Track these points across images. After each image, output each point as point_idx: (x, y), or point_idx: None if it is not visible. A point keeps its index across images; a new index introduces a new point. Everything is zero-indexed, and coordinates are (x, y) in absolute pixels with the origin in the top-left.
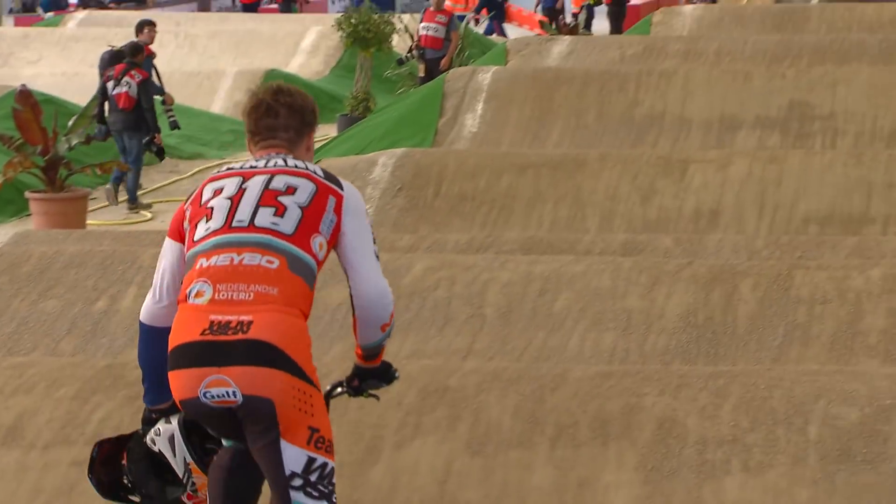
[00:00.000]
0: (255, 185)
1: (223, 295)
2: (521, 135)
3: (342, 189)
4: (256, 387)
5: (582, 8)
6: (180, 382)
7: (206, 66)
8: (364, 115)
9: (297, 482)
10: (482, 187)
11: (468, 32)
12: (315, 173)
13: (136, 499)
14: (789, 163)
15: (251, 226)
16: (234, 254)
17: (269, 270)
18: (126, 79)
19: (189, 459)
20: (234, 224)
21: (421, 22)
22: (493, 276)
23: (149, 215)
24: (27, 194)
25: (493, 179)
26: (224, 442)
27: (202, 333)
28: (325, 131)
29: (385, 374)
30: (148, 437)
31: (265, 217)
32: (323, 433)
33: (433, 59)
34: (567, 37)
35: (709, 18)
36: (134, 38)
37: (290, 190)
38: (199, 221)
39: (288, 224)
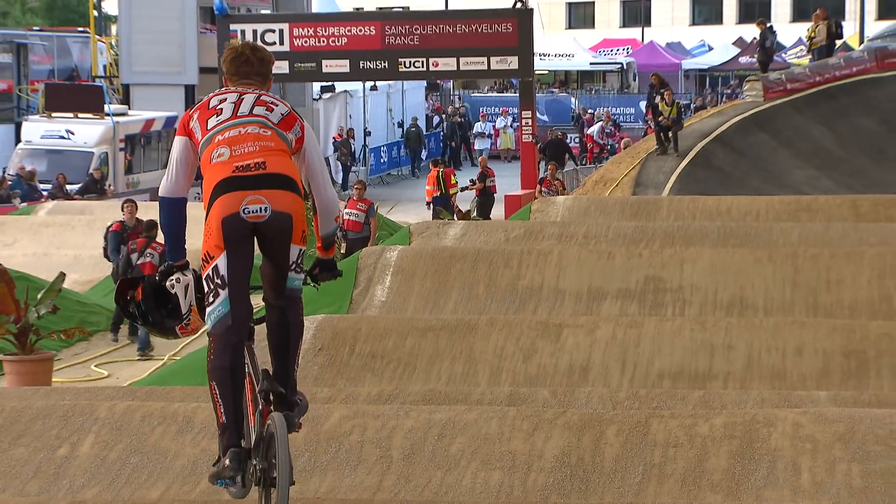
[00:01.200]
0: (249, 97)
1: (238, 151)
2: (423, 303)
3: (303, 121)
4: (282, 205)
5: (434, 198)
6: (226, 203)
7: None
8: None
9: (293, 267)
10: (390, 347)
11: (379, 217)
12: (287, 104)
13: (141, 321)
14: (646, 327)
15: (250, 114)
16: (241, 128)
17: (265, 135)
18: (149, 250)
19: (194, 304)
20: (238, 114)
21: (345, 209)
22: (399, 423)
23: (105, 373)
24: (1, 357)
25: (399, 340)
26: (218, 307)
27: (233, 172)
28: (256, 301)
29: (335, 267)
30: (168, 282)
31: (259, 111)
32: (305, 231)
33: (354, 239)
34: (461, 221)
35: (578, 207)
36: (120, 217)
37: (274, 105)
38: (209, 118)
39: (274, 118)
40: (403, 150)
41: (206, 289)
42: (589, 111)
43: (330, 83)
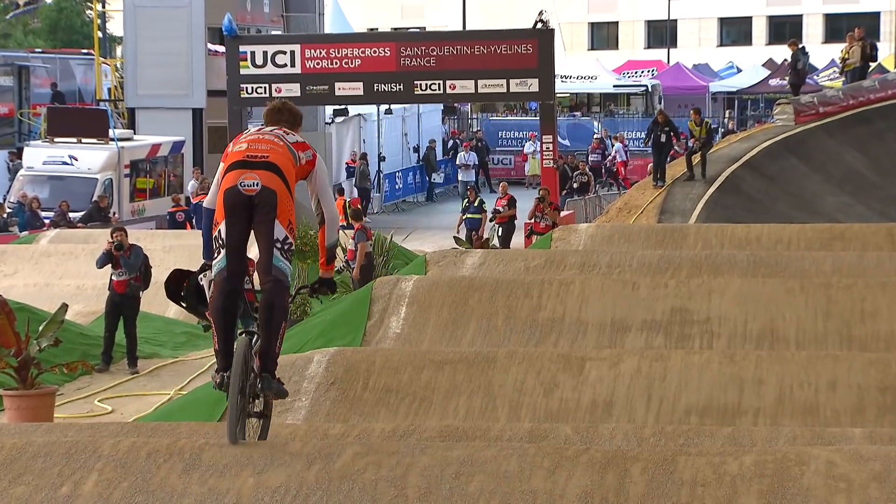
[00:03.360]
0: (272, 127)
1: (253, 147)
2: (440, 335)
3: (316, 152)
4: (269, 182)
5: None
6: (229, 178)
7: (163, 276)
8: (301, 318)
9: (278, 245)
10: (405, 381)
11: (394, 246)
12: (303, 138)
13: (184, 304)
14: (672, 361)
15: (270, 133)
16: (260, 135)
17: (278, 143)
18: (122, 270)
19: None
20: (262, 131)
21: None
22: (415, 460)
23: (109, 409)
24: (1, 392)
25: (415, 374)
26: (218, 262)
27: (244, 157)
28: None
29: (332, 284)
30: (200, 276)
31: (278, 132)
32: (293, 226)
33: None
34: (479, 250)
35: (601, 235)
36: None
37: (292, 135)
38: (240, 137)
39: (290, 139)
40: (420, 176)
41: (213, 246)
42: (596, 137)
43: (343, 106)
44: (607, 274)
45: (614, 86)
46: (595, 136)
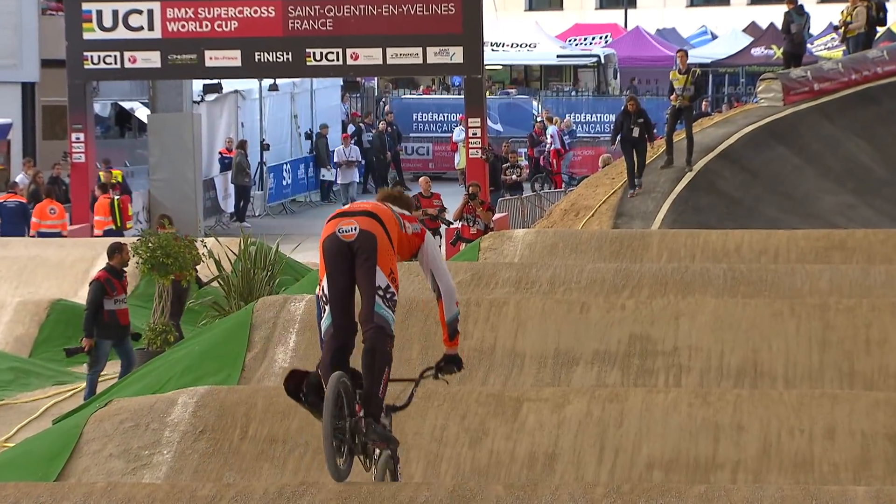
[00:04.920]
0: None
1: (353, 205)
2: None
3: (423, 228)
4: (368, 227)
5: (105, 232)
6: (328, 228)
7: None
8: (162, 349)
9: (380, 293)
10: (294, 429)
11: (280, 258)
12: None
13: (305, 404)
14: (631, 402)
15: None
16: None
17: (381, 206)
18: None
19: None
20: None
21: None
22: None
23: None
24: None
25: (307, 420)
26: (325, 320)
27: (342, 210)
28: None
29: (459, 361)
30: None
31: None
32: (395, 276)
33: None
34: None
35: (542, 244)
36: None
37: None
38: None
39: (394, 208)
40: (314, 169)
41: (319, 306)
42: (537, 120)
43: (215, 81)
44: (549, 293)
45: (558, 56)
46: (536, 119)
